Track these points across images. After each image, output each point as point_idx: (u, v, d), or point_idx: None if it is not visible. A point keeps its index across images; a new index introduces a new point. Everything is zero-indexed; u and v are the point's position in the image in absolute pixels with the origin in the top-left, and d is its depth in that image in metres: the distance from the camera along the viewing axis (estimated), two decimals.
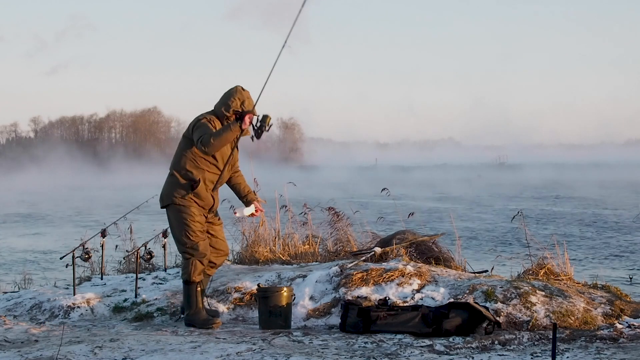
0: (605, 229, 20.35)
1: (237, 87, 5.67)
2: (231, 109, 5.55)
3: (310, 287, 6.12)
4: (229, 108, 5.55)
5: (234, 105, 5.55)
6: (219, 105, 5.62)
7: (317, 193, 20.27)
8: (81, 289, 6.69)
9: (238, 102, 5.56)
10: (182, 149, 5.63)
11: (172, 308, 6.13)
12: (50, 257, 16.13)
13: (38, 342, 5.10)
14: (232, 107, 5.55)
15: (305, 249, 8.13)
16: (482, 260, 12.18)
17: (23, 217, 28.17)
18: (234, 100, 5.56)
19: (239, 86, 5.68)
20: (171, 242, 6.14)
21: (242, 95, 5.59)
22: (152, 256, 7.14)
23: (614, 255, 15.29)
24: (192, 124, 5.58)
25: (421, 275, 6.14)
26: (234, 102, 5.56)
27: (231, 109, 5.55)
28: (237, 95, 5.58)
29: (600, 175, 60.08)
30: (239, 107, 5.56)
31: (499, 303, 5.56)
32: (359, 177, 59.44)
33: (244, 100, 5.58)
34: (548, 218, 23.91)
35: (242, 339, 5.10)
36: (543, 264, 6.59)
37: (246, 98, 5.60)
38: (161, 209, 5.74)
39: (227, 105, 5.56)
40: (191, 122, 5.63)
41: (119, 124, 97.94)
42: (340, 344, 4.95)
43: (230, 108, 5.55)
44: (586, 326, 5.33)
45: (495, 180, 56.34)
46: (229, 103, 5.56)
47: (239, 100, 5.57)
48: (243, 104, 5.57)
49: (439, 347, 4.84)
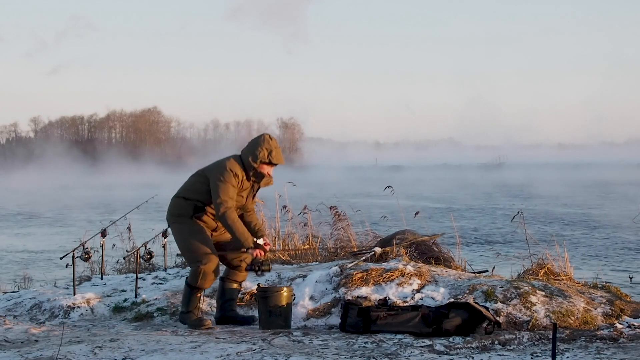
0: (605, 229, 20.35)
1: (265, 135, 5.66)
2: (259, 159, 5.53)
3: (310, 287, 6.12)
4: (257, 159, 5.53)
5: (261, 156, 5.53)
6: (246, 153, 5.58)
7: (317, 193, 20.28)
8: (81, 289, 6.69)
9: (265, 153, 5.54)
10: (195, 183, 5.61)
11: (172, 308, 6.13)
12: (31, 257, 16.14)
13: (38, 342, 5.10)
14: (259, 158, 5.53)
15: (305, 249, 8.14)
16: (483, 260, 12.19)
17: (9, 216, 28.19)
18: (261, 150, 5.53)
19: (267, 135, 5.67)
20: (171, 241, 6.15)
21: (270, 145, 5.57)
22: (152, 256, 7.15)
23: (614, 255, 15.29)
24: (217, 170, 5.51)
25: (421, 275, 6.14)
26: (262, 152, 5.53)
27: (259, 159, 5.53)
28: (265, 145, 5.55)
29: (578, 175, 60.38)
30: (266, 158, 5.54)
31: (499, 303, 5.56)
32: (358, 177, 59.44)
33: (271, 150, 5.56)
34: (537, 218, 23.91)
35: (242, 339, 5.10)
36: (543, 263, 6.59)
37: (274, 148, 5.58)
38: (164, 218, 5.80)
39: (254, 155, 5.53)
40: (215, 164, 5.59)
41: (119, 124, 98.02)
42: (340, 344, 4.95)
43: (257, 159, 5.53)
44: (586, 326, 5.33)
45: (480, 180, 56.45)
46: (256, 153, 5.53)
47: (267, 150, 5.55)
48: (270, 154, 5.56)
49: (439, 347, 4.84)
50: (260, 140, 5.58)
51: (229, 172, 5.46)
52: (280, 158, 5.62)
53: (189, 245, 5.53)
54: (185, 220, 5.57)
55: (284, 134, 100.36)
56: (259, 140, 5.59)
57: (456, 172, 69.48)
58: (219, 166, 5.54)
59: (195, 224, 5.56)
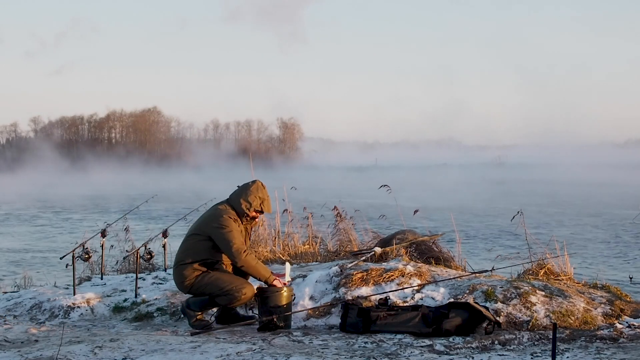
0: (605, 229, 20.35)
1: (257, 183, 5.69)
2: (252, 208, 5.56)
3: (310, 287, 6.12)
4: (251, 207, 5.56)
5: (255, 205, 5.56)
6: (238, 200, 5.58)
7: (316, 193, 20.29)
8: (81, 289, 6.69)
9: (259, 202, 5.58)
10: (196, 244, 5.55)
11: (172, 308, 6.13)
12: (31, 257, 16.14)
13: (38, 342, 5.10)
14: (253, 207, 5.56)
15: (305, 249, 8.14)
16: (483, 260, 12.19)
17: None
18: (255, 198, 5.57)
19: (259, 182, 5.70)
20: (171, 242, 6.15)
21: (263, 193, 5.62)
22: (152, 256, 7.15)
23: (614, 255, 15.29)
24: (215, 222, 5.48)
25: (421, 275, 6.14)
26: (255, 200, 5.57)
27: (252, 208, 5.56)
28: (259, 194, 5.60)
29: (578, 175, 60.65)
30: (259, 207, 5.59)
31: (499, 303, 5.56)
32: (358, 177, 59.42)
33: (264, 199, 5.61)
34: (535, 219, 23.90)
35: (242, 339, 5.10)
36: (543, 263, 6.59)
37: (266, 197, 5.63)
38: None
39: (248, 202, 5.55)
40: (208, 218, 5.56)
41: (119, 124, 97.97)
42: (340, 344, 4.95)
43: (252, 207, 5.56)
44: (586, 326, 5.33)
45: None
46: (250, 201, 5.55)
47: (260, 199, 5.59)
48: (263, 203, 5.60)
49: (439, 347, 4.84)
50: (254, 188, 5.61)
51: (227, 219, 5.47)
52: (270, 208, 5.69)
53: (221, 283, 5.46)
54: (202, 275, 5.51)
55: (284, 133, 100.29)
56: (252, 188, 5.62)
57: (456, 172, 69.42)
58: (215, 218, 5.53)
59: (213, 271, 5.53)
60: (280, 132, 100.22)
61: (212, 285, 5.47)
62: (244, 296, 5.45)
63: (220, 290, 5.45)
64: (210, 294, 5.50)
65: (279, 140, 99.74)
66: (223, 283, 5.46)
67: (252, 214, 5.59)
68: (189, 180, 55.04)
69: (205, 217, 5.64)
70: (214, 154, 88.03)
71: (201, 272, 5.52)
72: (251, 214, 5.59)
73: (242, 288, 5.45)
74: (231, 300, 5.47)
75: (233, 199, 5.63)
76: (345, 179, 56.35)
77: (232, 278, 5.52)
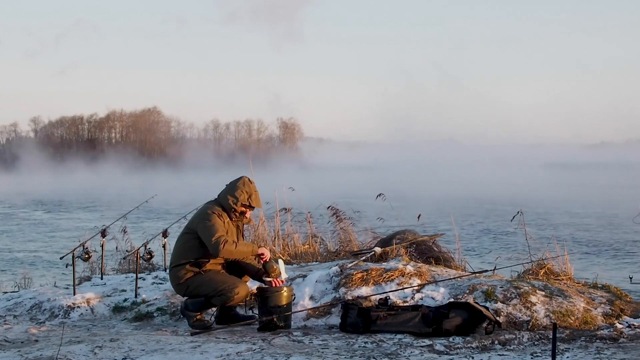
0: (605, 229, 20.34)
1: (244, 178, 5.69)
2: (239, 202, 5.56)
3: (310, 287, 6.12)
4: (237, 201, 5.56)
5: (242, 199, 5.57)
6: (225, 196, 5.61)
7: (316, 193, 20.28)
8: (81, 289, 6.69)
9: (246, 196, 5.58)
10: (186, 242, 5.59)
11: (172, 308, 6.13)
12: (30, 257, 16.14)
13: (38, 342, 5.10)
14: (240, 201, 5.56)
15: (305, 249, 8.14)
16: (483, 260, 12.19)
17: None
18: (242, 193, 5.58)
19: (246, 177, 5.70)
20: (171, 241, 6.14)
21: (250, 188, 5.62)
22: (152, 256, 7.15)
23: (614, 255, 15.29)
24: (200, 219, 5.53)
25: (421, 275, 6.14)
26: (242, 195, 5.57)
27: (239, 202, 5.56)
28: (245, 189, 5.60)
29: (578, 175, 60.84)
30: (246, 201, 5.58)
31: (499, 303, 5.56)
32: (358, 177, 59.42)
33: (251, 194, 5.61)
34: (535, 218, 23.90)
35: (242, 338, 5.10)
36: (543, 263, 6.58)
37: (253, 191, 5.63)
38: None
39: (235, 197, 5.56)
40: (197, 215, 5.62)
41: (118, 123, 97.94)
42: (340, 344, 4.95)
43: (238, 202, 5.56)
44: (586, 326, 5.33)
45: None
46: (236, 195, 5.56)
47: (247, 193, 5.59)
48: (250, 197, 5.60)
49: (439, 347, 4.84)
50: (240, 184, 5.62)
51: (211, 214, 5.50)
52: (259, 202, 5.68)
53: (214, 284, 5.49)
54: (195, 276, 5.54)
55: (284, 134, 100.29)
56: (238, 183, 5.63)
57: (456, 171, 69.43)
58: (199, 213, 5.61)
59: (206, 272, 5.55)
60: (280, 132, 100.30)
61: (206, 286, 5.50)
62: (237, 295, 5.47)
63: (214, 290, 5.48)
64: (205, 295, 5.53)
65: (279, 140, 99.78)
66: (216, 284, 5.49)
67: (240, 208, 5.60)
68: (189, 180, 55.03)
69: (193, 215, 5.73)
70: (214, 153, 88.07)
71: (194, 273, 5.55)
72: (239, 208, 5.59)
73: (234, 287, 5.47)
74: (225, 300, 5.49)
75: (221, 196, 5.66)
76: (345, 179, 56.33)
77: (225, 278, 5.55)
